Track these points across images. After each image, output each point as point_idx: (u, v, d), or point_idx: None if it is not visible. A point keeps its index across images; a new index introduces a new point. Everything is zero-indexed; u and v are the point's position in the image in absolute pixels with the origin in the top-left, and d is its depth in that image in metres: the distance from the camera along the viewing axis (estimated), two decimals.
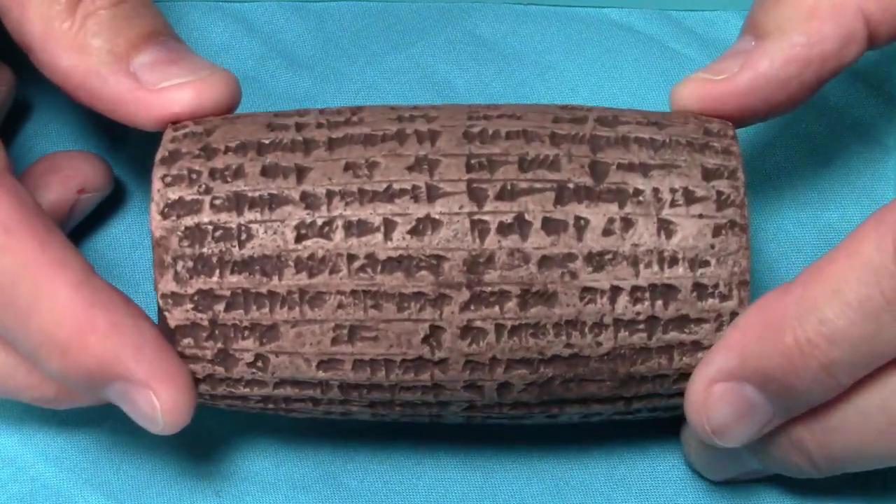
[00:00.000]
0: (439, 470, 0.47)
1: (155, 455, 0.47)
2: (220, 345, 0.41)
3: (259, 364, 0.41)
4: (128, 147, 0.50)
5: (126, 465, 0.47)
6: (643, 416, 0.43)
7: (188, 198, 0.41)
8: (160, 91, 0.43)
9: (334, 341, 0.41)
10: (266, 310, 0.41)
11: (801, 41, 0.42)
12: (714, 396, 0.40)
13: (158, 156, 0.42)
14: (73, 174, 0.47)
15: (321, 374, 0.41)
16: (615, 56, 0.51)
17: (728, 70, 0.43)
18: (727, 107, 0.43)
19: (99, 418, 0.47)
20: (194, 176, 0.41)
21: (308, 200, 0.41)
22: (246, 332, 0.41)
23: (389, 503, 0.46)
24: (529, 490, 0.46)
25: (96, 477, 0.46)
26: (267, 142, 0.41)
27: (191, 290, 0.41)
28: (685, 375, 0.41)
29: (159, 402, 0.41)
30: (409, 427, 0.46)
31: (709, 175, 0.41)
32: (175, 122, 0.43)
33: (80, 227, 0.49)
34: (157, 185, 0.41)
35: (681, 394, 0.41)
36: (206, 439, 0.47)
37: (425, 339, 0.41)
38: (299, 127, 0.42)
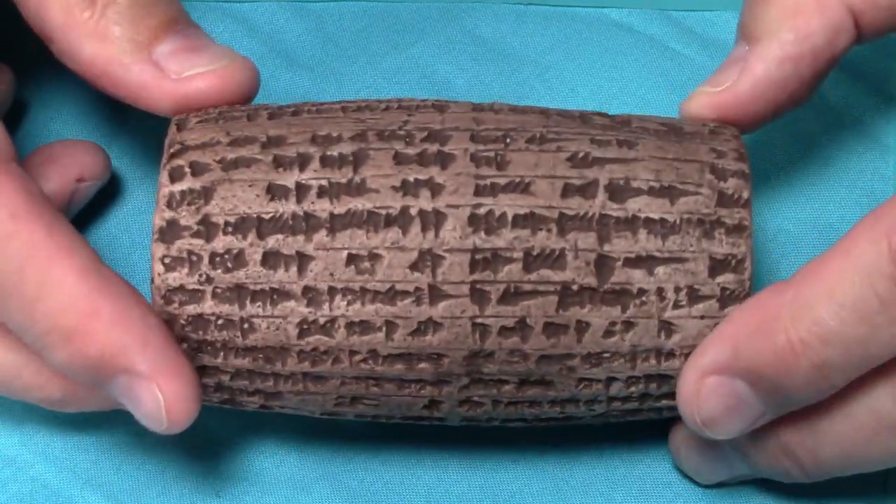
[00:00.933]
0: (439, 470, 0.47)
1: (155, 455, 0.47)
2: (226, 396, 0.43)
3: (264, 407, 0.43)
4: (128, 147, 0.50)
5: (126, 466, 0.47)
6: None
7: (189, 286, 0.41)
8: (183, 80, 0.43)
9: (337, 404, 0.42)
10: (270, 383, 0.42)
11: (790, 39, 0.43)
12: (706, 389, 0.40)
13: (156, 224, 0.41)
14: (71, 163, 0.47)
15: (324, 418, 0.44)
16: (615, 56, 0.51)
17: (728, 80, 0.43)
18: (733, 116, 0.43)
19: (99, 419, 0.47)
20: (194, 259, 0.41)
21: (310, 296, 0.41)
22: (251, 394, 0.42)
23: (389, 503, 0.46)
24: (529, 490, 0.46)
25: (96, 477, 0.46)
26: (267, 217, 0.41)
27: (196, 364, 0.42)
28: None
29: (163, 397, 0.40)
30: (410, 427, 0.46)
31: (716, 268, 0.41)
32: (171, 155, 0.42)
33: (81, 227, 0.49)
34: (157, 267, 0.41)
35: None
36: (206, 439, 0.47)
37: (425, 407, 0.42)
38: (300, 193, 0.41)
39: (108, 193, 0.49)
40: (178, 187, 0.41)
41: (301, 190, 0.41)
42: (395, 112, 0.42)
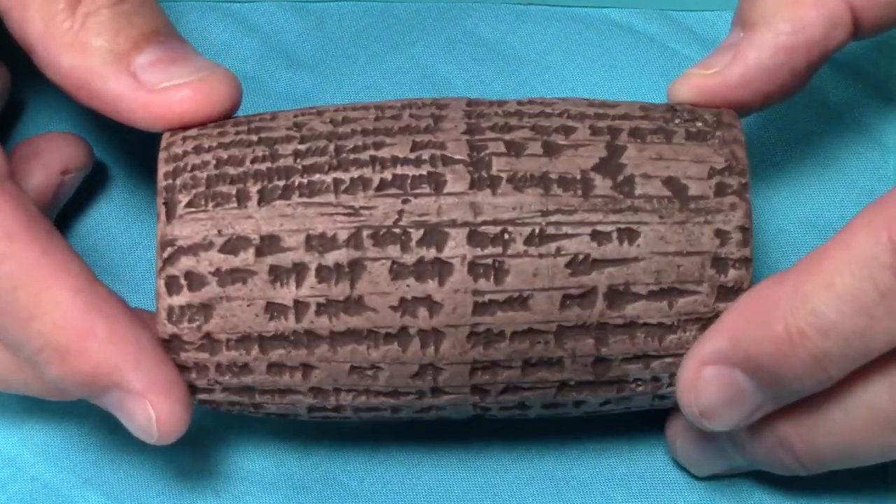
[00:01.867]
0: (439, 470, 0.47)
1: (155, 455, 0.47)
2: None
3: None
4: (125, 145, 0.50)
5: (126, 465, 0.47)
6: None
7: (199, 384, 0.42)
8: (160, 91, 0.42)
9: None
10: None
11: (787, 29, 0.43)
12: (704, 378, 0.40)
13: (160, 333, 0.41)
14: (54, 156, 0.47)
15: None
16: (615, 56, 0.51)
17: (719, 64, 0.43)
18: (721, 100, 0.43)
19: (99, 419, 0.47)
20: (201, 367, 0.41)
21: (316, 392, 0.42)
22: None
23: (389, 503, 0.46)
24: (529, 489, 0.46)
25: (96, 477, 0.46)
26: (269, 335, 0.41)
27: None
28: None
29: (155, 412, 0.41)
30: (410, 427, 0.46)
31: None
32: (168, 300, 0.41)
33: (80, 226, 0.49)
34: None
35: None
36: (206, 439, 0.47)
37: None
38: (299, 311, 0.40)
39: (107, 192, 0.49)
40: (177, 301, 0.41)
41: (300, 308, 0.41)
42: (389, 201, 0.41)
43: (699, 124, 0.42)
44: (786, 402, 0.40)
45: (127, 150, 0.50)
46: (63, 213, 0.48)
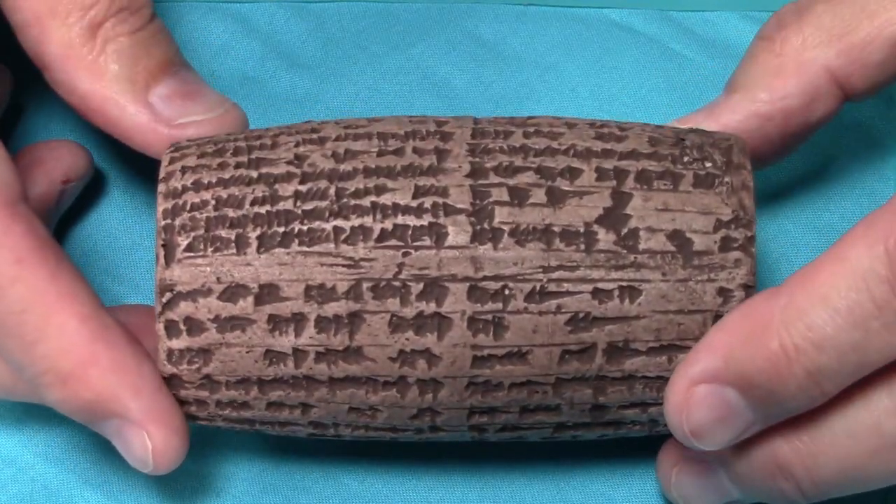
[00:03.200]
0: (439, 470, 0.46)
1: None
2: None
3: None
4: (126, 148, 0.50)
5: (126, 466, 0.46)
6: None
7: (200, 415, 0.42)
8: (178, 127, 0.43)
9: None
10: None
11: (764, 98, 0.44)
12: (695, 398, 0.40)
13: (161, 372, 0.42)
14: (56, 165, 0.47)
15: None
16: (615, 56, 0.51)
17: (694, 123, 0.44)
18: None
19: None
20: (201, 400, 0.42)
21: (315, 425, 0.42)
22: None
23: (389, 503, 0.46)
24: (529, 490, 0.46)
25: (96, 477, 0.46)
26: (268, 379, 0.41)
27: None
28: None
29: (152, 443, 0.41)
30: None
31: None
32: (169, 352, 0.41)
33: (81, 227, 0.49)
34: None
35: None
36: (206, 439, 0.47)
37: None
38: (298, 359, 0.40)
39: (107, 192, 0.49)
40: (176, 344, 0.41)
41: (298, 356, 0.41)
42: (389, 253, 0.40)
43: (708, 165, 0.41)
44: (777, 420, 0.40)
45: (127, 152, 0.50)
46: (63, 213, 0.48)
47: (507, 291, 0.40)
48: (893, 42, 0.43)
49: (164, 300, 0.41)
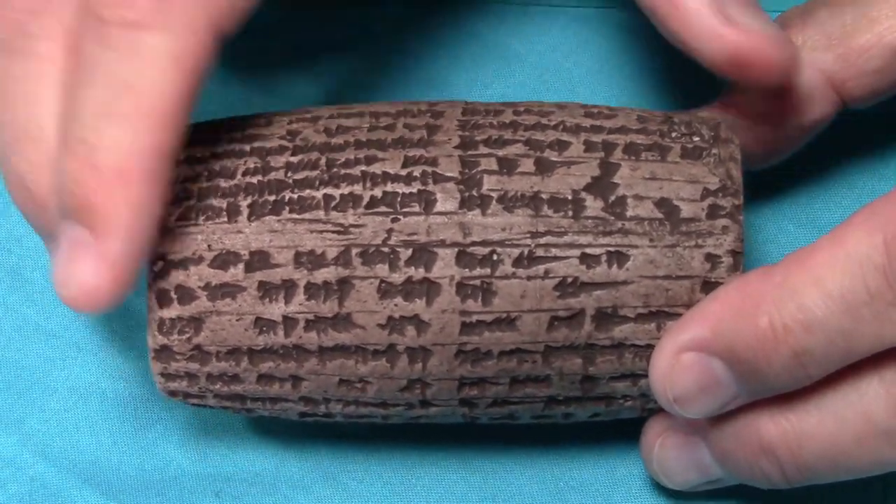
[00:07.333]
0: (439, 470, 0.47)
1: (154, 455, 0.47)
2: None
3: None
4: None
5: (126, 465, 0.47)
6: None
7: (191, 392, 0.42)
8: (743, 31, 0.41)
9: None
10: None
11: (759, 96, 0.44)
12: (681, 365, 0.40)
13: (150, 344, 0.41)
14: None
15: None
16: (616, 56, 0.51)
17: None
18: None
19: (99, 419, 0.47)
20: (192, 376, 0.42)
21: (306, 401, 0.42)
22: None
23: (389, 503, 0.46)
24: (529, 490, 0.46)
25: (96, 477, 0.46)
26: (258, 349, 0.41)
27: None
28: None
29: (95, 279, 0.38)
30: (409, 427, 0.46)
31: None
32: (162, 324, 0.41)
33: None
34: (157, 377, 0.42)
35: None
36: (206, 439, 0.47)
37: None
38: (288, 327, 0.41)
39: None
40: (167, 314, 0.41)
41: (288, 323, 0.41)
42: (378, 219, 0.40)
43: (696, 139, 0.41)
44: (761, 396, 0.40)
45: None
46: None
47: (495, 257, 0.40)
48: (892, 50, 0.43)
49: (155, 269, 0.41)
